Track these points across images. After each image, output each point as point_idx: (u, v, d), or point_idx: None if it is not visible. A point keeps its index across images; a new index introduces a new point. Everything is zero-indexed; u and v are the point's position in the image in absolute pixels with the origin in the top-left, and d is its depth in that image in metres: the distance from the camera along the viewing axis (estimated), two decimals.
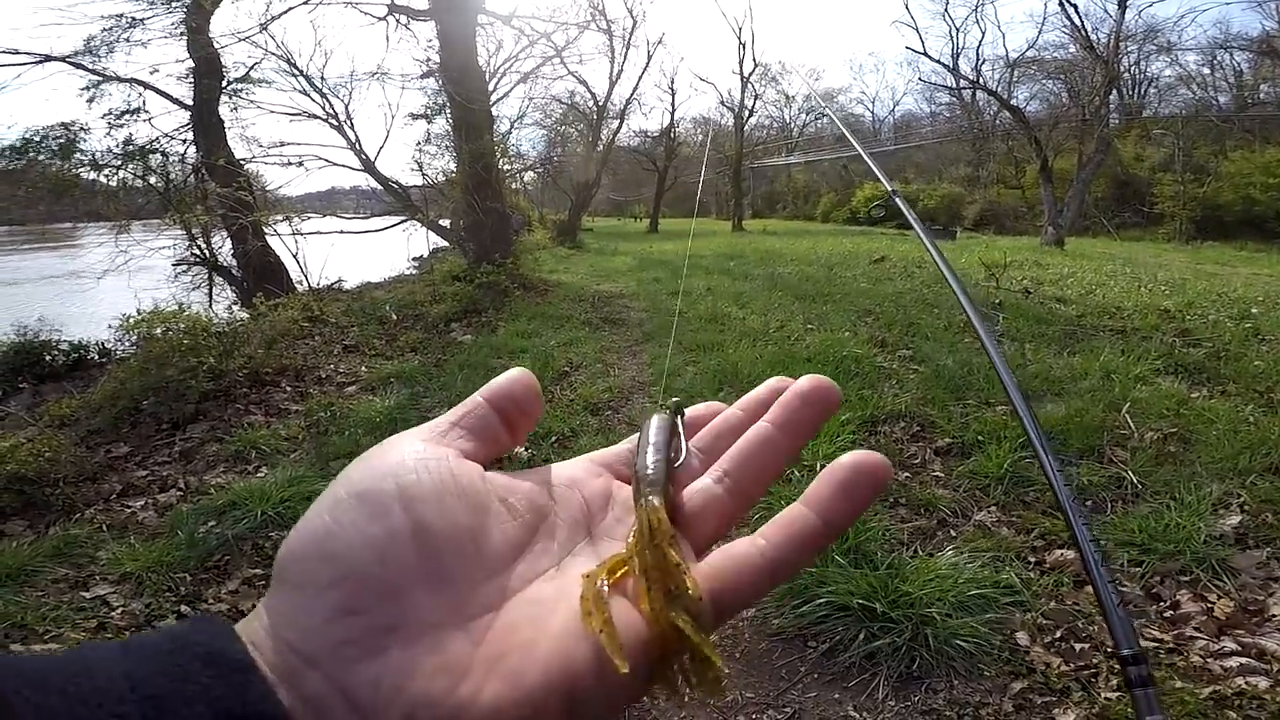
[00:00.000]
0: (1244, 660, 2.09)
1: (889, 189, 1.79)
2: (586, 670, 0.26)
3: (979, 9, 27.69)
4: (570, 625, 0.28)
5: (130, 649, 0.24)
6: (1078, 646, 2.20)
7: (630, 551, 0.31)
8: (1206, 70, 27.91)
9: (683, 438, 0.39)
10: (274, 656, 0.25)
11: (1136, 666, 0.74)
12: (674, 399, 0.41)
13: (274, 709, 0.24)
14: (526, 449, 3.94)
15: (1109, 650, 2.15)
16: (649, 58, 25.83)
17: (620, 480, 0.38)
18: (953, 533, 2.97)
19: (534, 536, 0.33)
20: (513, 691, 0.26)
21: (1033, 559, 2.73)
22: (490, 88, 13.52)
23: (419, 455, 0.31)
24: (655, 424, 0.39)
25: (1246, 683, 1.99)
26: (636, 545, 0.31)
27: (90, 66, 10.90)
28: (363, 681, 0.25)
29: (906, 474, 3.52)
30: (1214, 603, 2.39)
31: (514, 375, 0.37)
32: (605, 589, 0.29)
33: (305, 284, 9.85)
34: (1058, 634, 2.29)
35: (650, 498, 0.33)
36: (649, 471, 0.35)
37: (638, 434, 0.40)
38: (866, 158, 1.89)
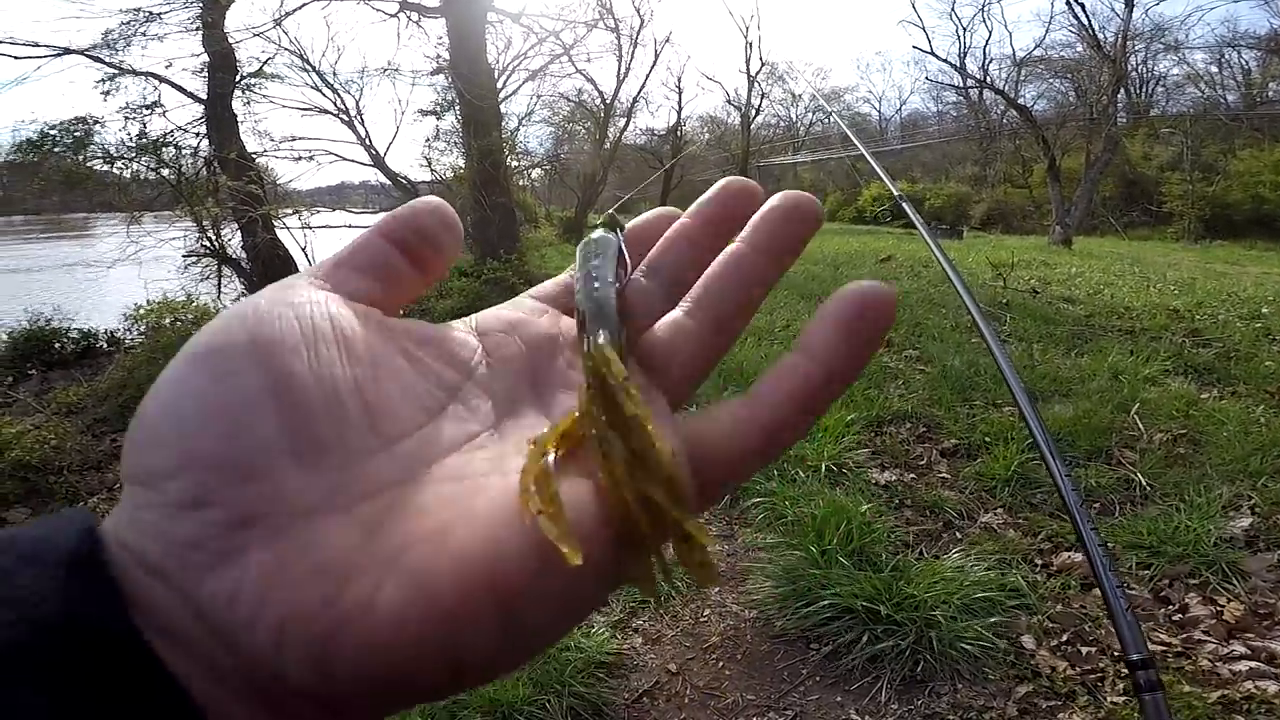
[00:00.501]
0: (1254, 664, 2.06)
1: (895, 193, 1.77)
2: (522, 565, 0.20)
3: (986, 8, 27.49)
4: (500, 507, 0.21)
5: None
6: (1084, 650, 2.18)
7: (581, 407, 0.24)
8: (1214, 69, 27.69)
9: (626, 256, 0.32)
10: (117, 568, 0.20)
11: (1145, 671, 0.73)
12: (608, 211, 0.34)
13: (103, 613, 0.18)
14: None
15: (1116, 654, 2.13)
16: (656, 56, 25.62)
17: (569, 316, 0.31)
18: (959, 535, 2.95)
19: (454, 396, 0.26)
20: (418, 595, 0.19)
21: (1039, 561, 2.71)
22: (499, 85, 13.52)
23: (284, 300, 0.23)
24: (596, 242, 0.32)
25: (1256, 687, 1.97)
26: (586, 399, 0.24)
27: (107, 60, 11.03)
28: (215, 592, 0.19)
29: (912, 475, 3.50)
30: (1223, 606, 2.36)
31: (419, 201, 0.28)
32: (552, 461, 0.22)
33: None
34: (1064, 637, 2.26)
35: (596, 336, 0.26)
36: (592, 303, 0.28)
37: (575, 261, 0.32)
38: (873, 162, 1.86)
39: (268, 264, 10.65)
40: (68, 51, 10.72)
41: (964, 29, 26.75)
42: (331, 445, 0.21)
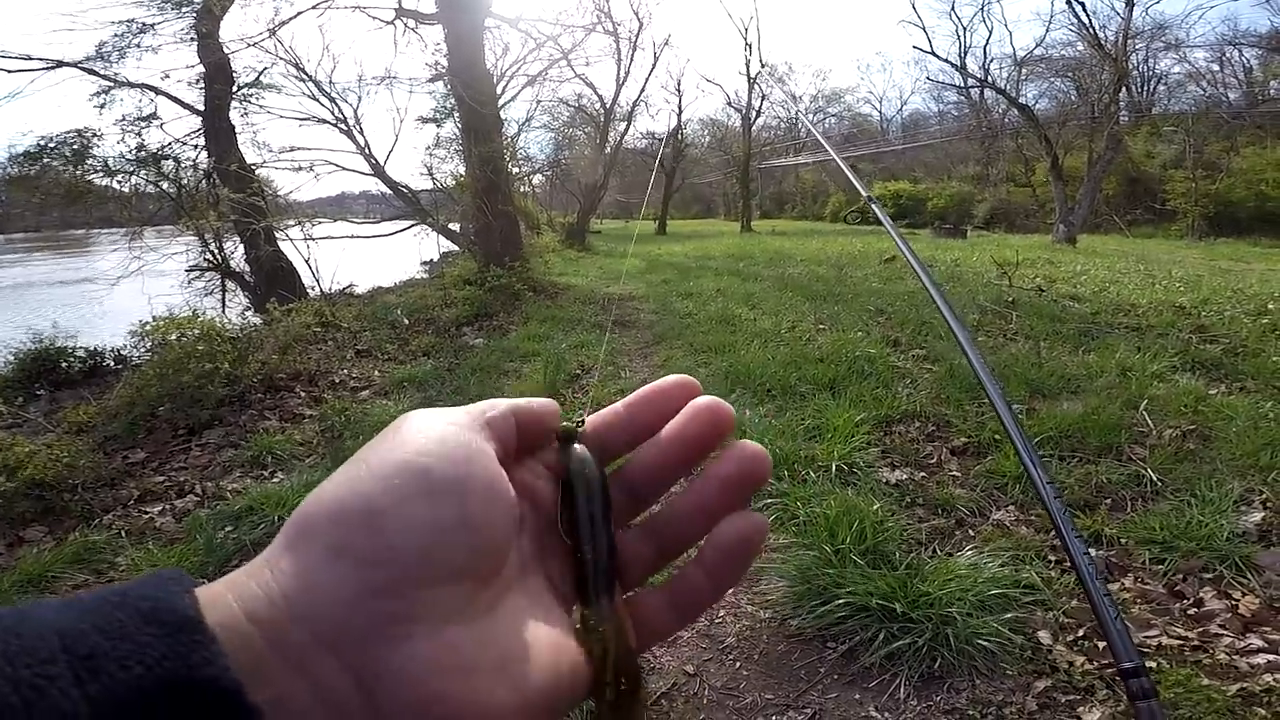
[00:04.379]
0: (1271, 657, 2.07)
1: (865, 195, 1.80)
2: (568, 683, 0.29)
3: (985, 8, 27.62)
4: (558, 637, 0.30)
5: (72, 604, 0.22)
6: (1101, 645, 2.18)
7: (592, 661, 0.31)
8: (1216, 67, 27.75)
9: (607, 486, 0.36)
10: (274, 631, 0.24)
11: (1138, 679, 0.73)
12: (575, 420, 0.37)
13: (221, 675, 0.21)
14: None
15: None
16: (655, 59, 25.87)
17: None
18: (971, 532, 2.95)
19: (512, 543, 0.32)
20: (517, 698, 0.27)
21: (1053, 558, 2.71)
22: (499, 91, 13.56)
23: (471, 447, 0.30)
24: (585, 480, 0.35)
25: (1275, 680, 1.97)
26: (596, 666, 0.31)
27: (102, 72, 11.04)
28: (385, 670, 0.24)
29: (923, 474, 3.50)
30: (1238, 600, 2.36)
31: (545, 401, 0.36)
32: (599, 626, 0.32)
33: (317, 289, 9.90)
34: (1080, 632, 2.26)
35: (599, 606, 0.33)
36: (592, 559, 0.33)
37: (569, 477, 0.36)
38: (844, 166, 1.89)
39: (271, 276, 10.67)
40: (61, 64, 10.73)
41: (964, 28, 26.88)
42: (477, 573, 0.28)
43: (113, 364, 7.34)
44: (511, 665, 0.27)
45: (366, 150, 11.18)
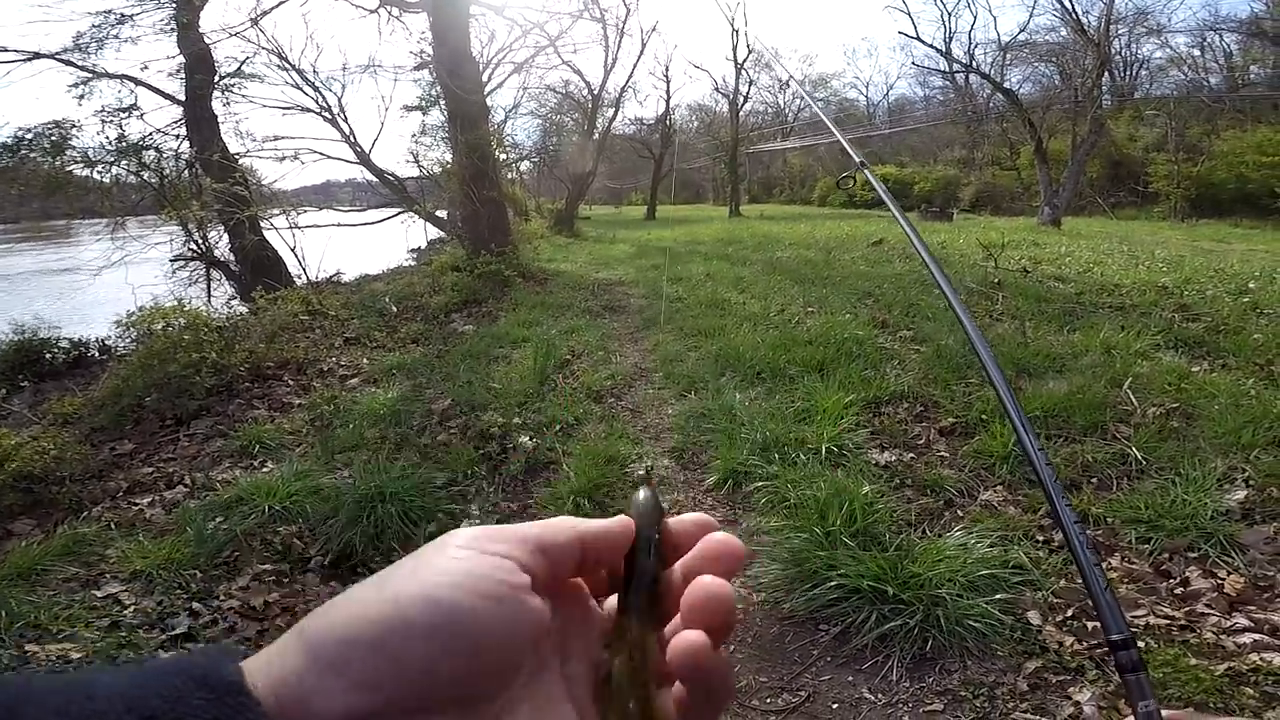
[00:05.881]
0: (1258, 636, 2.10)
1: (858, 160, 1.77)
2: None
3: None
4: None
5: (135, 672, 0.25)
6: (1090, 625, 2.21)
7: (617, 683, 0.32)
8: (1197, 52, 27.82)
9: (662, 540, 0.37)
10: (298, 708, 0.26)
11: (1126, 651, 0.74)
12: (645, 466, 0.40)
13: None
14: (531, 437, 3.94)
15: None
16: (643, 46, 25.80)
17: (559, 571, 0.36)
18: (960, 512, 2.98)
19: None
20: None
21: (1041, 538, 2.74)
22: (485, 78, 13.45)
23: (502, 582, 0.30)
24: (644, 516, 0.38)
25: (1261, 658, 2.00)
26: (620, 680, 0.32)
27: (80, 63, 10.88)
28: None
29: (912, 455, 3.52)
30: (1224, 579, 2.40)
31: (621, 523, 0.36)
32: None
33: (304, 277, 9.83)
34: (1069, 613, 2.29)
35: (638, 627, 0.34)
36: (640, 596, 0.35)
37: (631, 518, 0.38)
38: (839, 135, 1.88)
39: (257, 265, 10.58)
40: (38, 56, 10.58)
41: (949, 14, 26.73)
42: (473, 703, 0.29)
43: (97, 355, 7.29)
44: None
45: (351, 138, 11.09)
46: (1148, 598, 2.36)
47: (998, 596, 2.32)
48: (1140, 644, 2.11)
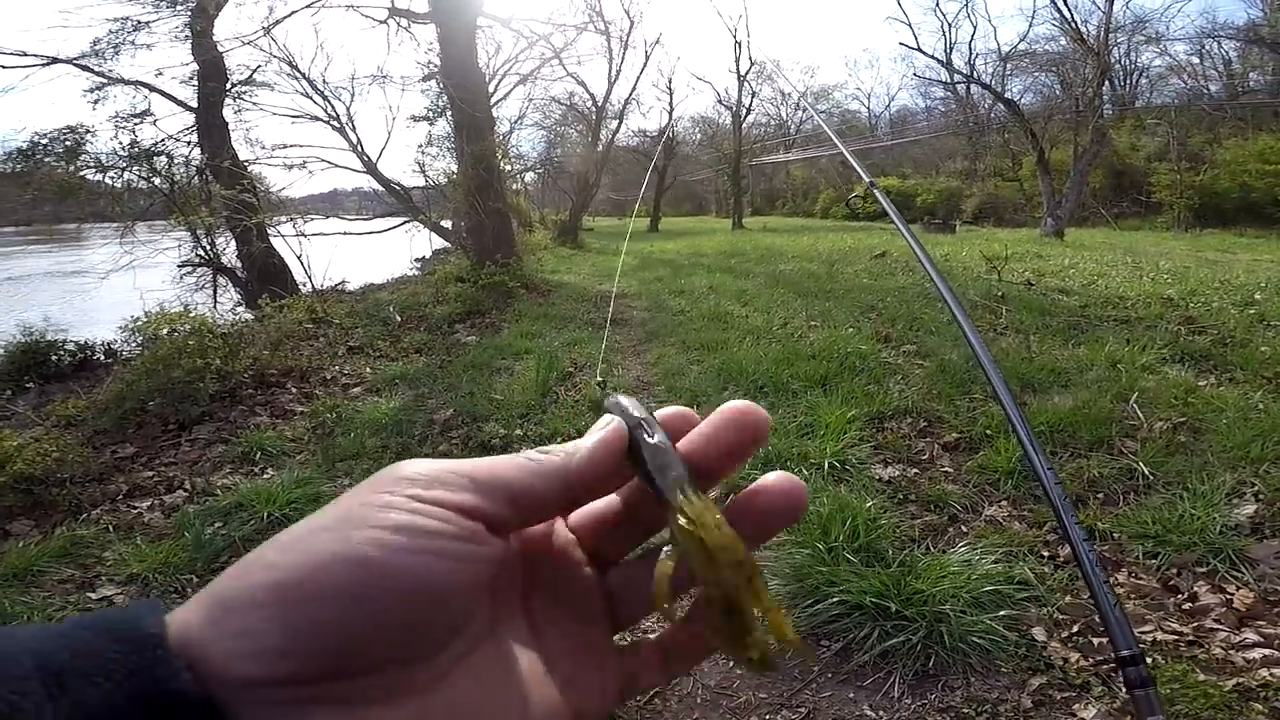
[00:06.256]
0: (1267, 652, 2.07)
1: (868, 179, 1.77)
2: None
3: (969, 3, 27.69)
4: (522, 693, 0.30)
5: (48, 627, 0.24)
6: (1096, 641, 2.18)
7: (706, 578, 0.31)
8: (1196, 60, 27.93)
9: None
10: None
11: (1135, 667, 0.72)
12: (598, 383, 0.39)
13: (185, 687, 0.22)
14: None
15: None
16: (646, 58, 25.90)
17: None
18: (964, 529, 2.95)
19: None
20: None
21: (1046, 554, 2.71)
22: (490, 89, 13.51)
23: (442, 537, 0.27)
24: (624, 409, 0.36)
25: (1271, 674, 1.97)
26: (707, 569, 0.30)
27: (96, 69, 11.02)
28: None
29: (915, 470, 3.49)
30: (1233, 594, 2.36)
31: (609, 427, 0.35)
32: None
33: (309, 285, 9.84)
34: (1075, 629, 2.26)
35: (682, 492, 0.32)
36: (659, 459, 0.33)
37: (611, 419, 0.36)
38: (848, 154, 1.87)
39: (263, 272, 10.61)
40: (56, 61, 10.71)
41: (949, 25, 26.90)
42: (410, 658, 0.27)
43: (103, 358, 7.30)
44: None
45: (359, 148, 11.13)
46: (1155, 613, 2.33)
47: (1002, 613, 2.29)
48: (1148, 660, 2.08)
